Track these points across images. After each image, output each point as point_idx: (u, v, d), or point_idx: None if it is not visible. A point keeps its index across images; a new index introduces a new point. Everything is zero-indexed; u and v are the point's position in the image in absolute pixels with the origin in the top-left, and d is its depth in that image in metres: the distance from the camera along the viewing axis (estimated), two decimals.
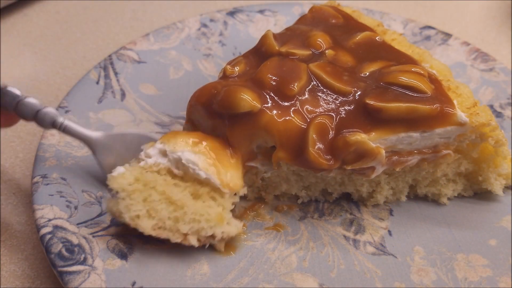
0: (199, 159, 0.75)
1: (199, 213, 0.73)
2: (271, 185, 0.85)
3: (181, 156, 0.74)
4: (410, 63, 0.83)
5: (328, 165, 0.75)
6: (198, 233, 0.74)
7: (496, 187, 0.85)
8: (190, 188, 0.76)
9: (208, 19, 1.18)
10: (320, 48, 0.85)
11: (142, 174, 0.75)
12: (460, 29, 1.33)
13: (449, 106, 0.76)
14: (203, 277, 0.74)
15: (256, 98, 0.75)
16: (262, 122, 0.76)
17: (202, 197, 0.75)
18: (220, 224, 0.74)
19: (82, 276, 0.71)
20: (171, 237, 0.74)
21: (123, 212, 0.73)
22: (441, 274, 0.76)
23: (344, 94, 0.78)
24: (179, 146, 0.75)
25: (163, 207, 0.73)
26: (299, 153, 0.76)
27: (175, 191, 0.74)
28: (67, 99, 0.95)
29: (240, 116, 0.76)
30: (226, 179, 0.76)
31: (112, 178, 0.74)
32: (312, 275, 0.76)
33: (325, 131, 0.75)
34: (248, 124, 0.76)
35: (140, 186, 0.74)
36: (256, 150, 0.79)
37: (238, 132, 0.78)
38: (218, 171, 0.75)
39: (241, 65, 0.84)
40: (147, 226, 0.73)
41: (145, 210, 0.73)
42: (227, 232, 0.75)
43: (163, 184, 0.75)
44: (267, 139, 0.77)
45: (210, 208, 0.74)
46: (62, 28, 1.31)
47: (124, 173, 0.74)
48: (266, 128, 0.76)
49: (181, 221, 0.73)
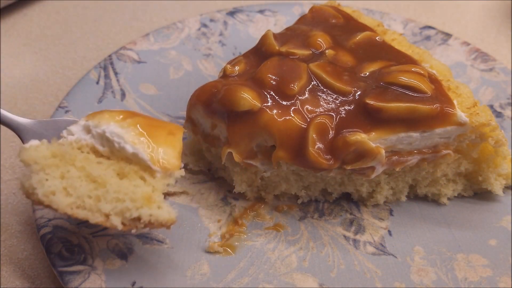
0: (125, 133, 0.67)
1: (123, 192, 0.65)
2: (270, 185, 0.85)
3: (105, 129, 0.67)
4: (410, 63, 0.83)
5: (328, 165, 0.75)
6: (122, 214, 0.65)
7: (496, 187, 0.85)
8: (115, 165, 0.68)
9: (208, 19, 1.18)
10: (320, 48, 0.85)
11: (59, 150, 0.67)
12: (460, 29, 1.33)
13: (449, 106, 0.76)
14: (203, 277, 0.74)
15: (256, 97, 0.76)
16: (262, 121, 0.76)
17: (129, 176, 0.68)
18: (147, 205, 0.65)
19: (82, 276, 0.71)
20: (90, 217, 0.64)
21: (36, 187, 0.63)
22: (441, 274, 0.76)
23: (344, 94, 0.78)
24: (105, 121, 0.68)
25: (83, 184, 0.65)
26: (299, 153, 0.76)
27: (96, 168, 0.66)
28: (67, 99, 0.95)
29: (240, 115, 0.76)
30: (157, 156, 0.67)
31: (24, 150, 0.65)
32: (312, 275, 0.76)
33: (325, 131, 0.75)
34: (248, 122, 0.76)
35: (57, 161, 0.66)
36: (256, 149, 0.79)
37: (238, 130, 0.77)
38: (148, 146, 0.67)
39: (241, 65, 0.84)
40: (62, 203, 0.63)
41: (61, 186, 0.64)
42: (156, 216, 0.66)
43: (82, 160, 0.67)
44: (267, 138, 0.77)
45: (136, 188, 0.66)
46: (62, 28, 1.31)
47: (39, 146, 0.66)
48: (266, 127, 0.76)
49: (102, 200, 0.65)
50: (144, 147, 0.67)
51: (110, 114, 0.70)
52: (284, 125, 0.76)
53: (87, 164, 0.67)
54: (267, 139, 0.78)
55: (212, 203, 0.85)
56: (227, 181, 0.88)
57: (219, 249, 0.78)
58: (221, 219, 0.83)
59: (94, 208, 0.65)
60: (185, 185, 0.87)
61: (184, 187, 0.86)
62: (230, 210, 0.84)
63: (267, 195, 0.86)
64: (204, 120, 0.82)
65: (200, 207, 0.84)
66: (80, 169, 0.66)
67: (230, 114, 0.77)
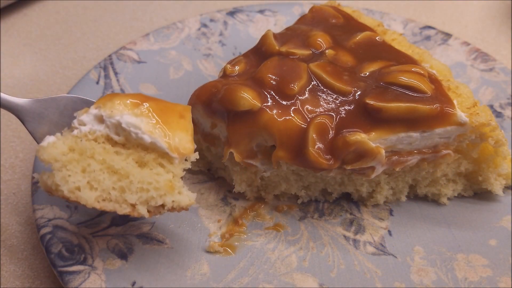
0: (141, 122, 0.68)
1: (147, 182, 0.67)
2: (270, 185, 0.85)
3: (120, 120, 0.67)
4: (410, 63, 0.83)
5: (328, 164, 0.75)
6: (147, 203, 0.67)
7: (496, 187, 0.85)
8: (133, 155, 0.69)
9: (208, 19, 1.18)
10: (320, 48, 0.85)
11: (76, 143, 0.67)
12: (460, 29, 1.33)
13: (449, 106, 0.76)
14: (203, 277, 0.74)
15: (256, 97, 0.76)
16: (262, 121, 0.76)
17: (149, 165, 0.69)
18: (170, 193, 0.67)
19: (82, 276, 0.71)
20: (117, 208, 0.66)
21: (60, 184, 0.64)
22: (441, 274, 0.76)
23: (344, 94, 0.78)
24: (117, 110, 0.68)
25: (106, 177, 0.66)
26: (299, 153, 0.76)
27: (116, 159, 0.67)
28: None
29: (240, 115, 0.76)
30: (174, 142, 0.69)
31: (42, 149, 0.65)
32: (312, 275, 0.76)
33: (325, 131, 0.75)
34: (248, 122, 0.77)
35: (76, 155, 0.66)
36: (256, 148, 0.79)
37: (238, 130, 0.78)
38: (164, 134, 0.68)
39: (241, 65, 0.84)
40: (90, 198, 0.64)
41: (85, 181, 0.65)
42: (178, 202, 0.68)
43: (102, 153, 0.67)
44: (267, 138, 0.77)
45: (158, 176, 0.68)
46: (62, 28, 1.31)
47: (55, 142, 0.66)
48: (266, 127, 0.76)
49: (127, 191, 0.66)
50: (160, 136, 0.68)
51: (121, 100, 0.69)
52: (284, 125, 0.76)
53: (107, 157, 0.67)
54: (267, 139, 0.78)
55: (212, 203, 0.85)
56: (227, 181, 0.88)
57: (219, 249, 0.78)
58: (221, 219, 0.83)
59: (120, 199, 0.66)
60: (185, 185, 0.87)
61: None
62: (230, 210, 0.84)
63: (267, 195, 0.86)
64: (204, 119, 0.82)
65: (200, 207, 0.84)
66: (101, 162, 0.67)
67: (230, 114, 0.77)
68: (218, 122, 0.80)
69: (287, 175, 0.83)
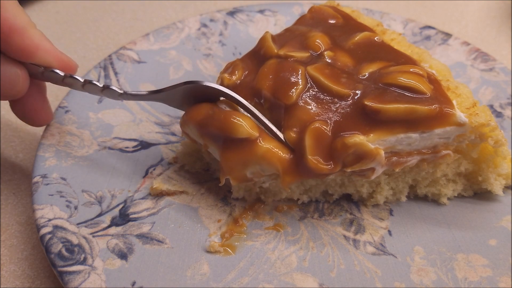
0: None
1: None
2: (270, 192, 0.85)
3: None
4: (409, 63, 0.83)
5: (329, 169, 0.75)
6: None
7: (496, 187, 0.85)
8: None
9: (208, 19, 1.18)
10: (319, 49, 0.85)
11: None
12: (460, 29, 1.33)
13: (448, 107, 0.76)
14: (203, 277, 0.74)
15: (254, 126, 0.75)
16: (260, 151, 0.75)
17: None
18: None
19: (82, 276, 0.71)
20: None
21: None
22: (441, 274, 0.76)
23: (342, 97, 0.78)
24: None
25: None
26: (299, 164, 0.75)
27: None
28: (67, 99, 0.95)
29: (236, 141, 0.75)
30: None
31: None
32: (312, 275, 0.76)
33: (322, 135, 0.75)
34: (244, 150, 0.75)
35: None
36: (250, 175, 0.78)
37: (232, 158, 0.76)
38: None
39: (239, 71, 0.84)
40: None
41: None
42: None
43: None
44: (265, 168, 0.76)
45: None
46: (62, 28, 1.31)
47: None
48: (264, 157, 0.75)
49: None
50: None
51: None
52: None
53: None
54: (264, 169, 0.76)
55: (212, 203, 0.85)
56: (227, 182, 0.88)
57: (219, 249, 0.78)
58: (221, 219, 0.83)
59: None
60: (185, 185, 0.87)
61: (184, 187, 0.86)
62: (230, 210, 0.84)
63: (267, 199, 0.85)
64: (198, 138, 0.81)
65: (200, 207, 0.84)
66: None
67: (226, 140, 0.76)
68: (210, 145, 0.79)
69: None
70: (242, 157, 0.76)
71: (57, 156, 0.86)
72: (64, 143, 0.88)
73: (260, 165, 0.76)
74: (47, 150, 0.86)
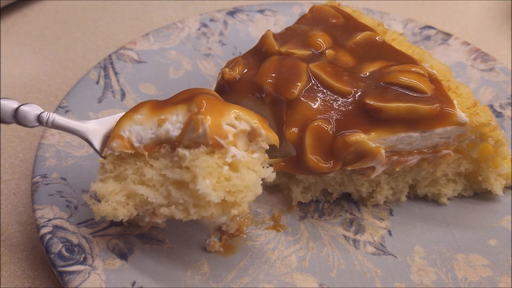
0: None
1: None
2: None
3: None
4: (410, 63, 0.83)
5: (329, 168, 0.75)
6: None
7: (496, 187, 0.84)
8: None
9: (208, 19, 1.17)
10: (320, 48, 0.85)
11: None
12: (460, 29, 1.33)
13: (449, 106, 0.76)
14: (203, 277, 0.74)
15: None
16: None
17: None
18: None
19: (82, 276, 0.71)
20: None
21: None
22: (441, 274, 0.76)
23: (344, 95, 0.78)
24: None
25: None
26: (299, 161, 0.75)
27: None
28: (67, 99, 0.95)
29: None
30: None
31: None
32: (312, 275, 0.76)
33: (322, 134, 0.75)
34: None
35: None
36: None
37: None
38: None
39: (240, 67, 0.84)
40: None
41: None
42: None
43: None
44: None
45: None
46: (62, 28, 1.31)
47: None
48: None
49: None
50: None
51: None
52: None
53: None
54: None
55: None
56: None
57: (219, 249, 0.78)
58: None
59: None
60: None
61: None
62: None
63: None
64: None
65: None
66: None
67: None
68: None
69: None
70: None
71: (57, 156, 0.86)
72: (64, 143, 0.88)
73: None
74: (47, 150, 0.86)
